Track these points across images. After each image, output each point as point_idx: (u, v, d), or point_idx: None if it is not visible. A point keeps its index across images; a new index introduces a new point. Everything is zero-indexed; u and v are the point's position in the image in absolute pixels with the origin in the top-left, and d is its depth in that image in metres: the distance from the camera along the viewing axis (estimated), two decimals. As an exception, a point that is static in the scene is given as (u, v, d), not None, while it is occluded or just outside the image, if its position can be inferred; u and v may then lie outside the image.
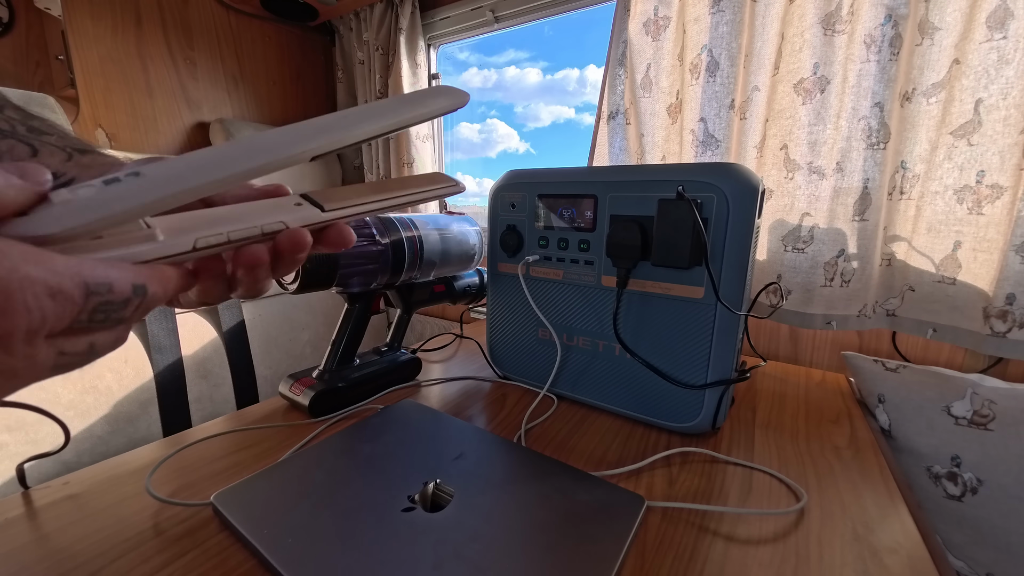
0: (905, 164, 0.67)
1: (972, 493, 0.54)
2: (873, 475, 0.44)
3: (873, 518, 0.38)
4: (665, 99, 0.84)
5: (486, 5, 1.18)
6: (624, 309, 0.51)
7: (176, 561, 0.31)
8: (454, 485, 0.38)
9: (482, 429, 0.48)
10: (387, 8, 1.25)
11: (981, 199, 0.61)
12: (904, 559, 0.34)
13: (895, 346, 0.73)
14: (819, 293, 0.71)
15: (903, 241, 0.69)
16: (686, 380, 0.48)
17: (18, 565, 0.31)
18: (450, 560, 0.30)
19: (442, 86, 0.24)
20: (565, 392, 0.57)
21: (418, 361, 0.64)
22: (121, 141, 1.14)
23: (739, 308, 0.45)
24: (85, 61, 1.07)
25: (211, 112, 1.30)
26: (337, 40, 1.45)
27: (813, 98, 0.68)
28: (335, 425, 0.50)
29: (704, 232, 0.44)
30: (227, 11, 1.29)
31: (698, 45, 0.77)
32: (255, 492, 0.37)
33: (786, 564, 0.33)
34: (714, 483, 0.42)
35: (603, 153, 0.92)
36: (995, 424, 0.54)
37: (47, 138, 0.23)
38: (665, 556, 0.33)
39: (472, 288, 0.71)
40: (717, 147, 0.78)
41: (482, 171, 1.62)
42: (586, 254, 0.52)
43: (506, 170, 0.59)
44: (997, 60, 0.58)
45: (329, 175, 1.43)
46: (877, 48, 0.63)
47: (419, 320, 1.30)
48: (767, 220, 0.75)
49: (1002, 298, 0.59)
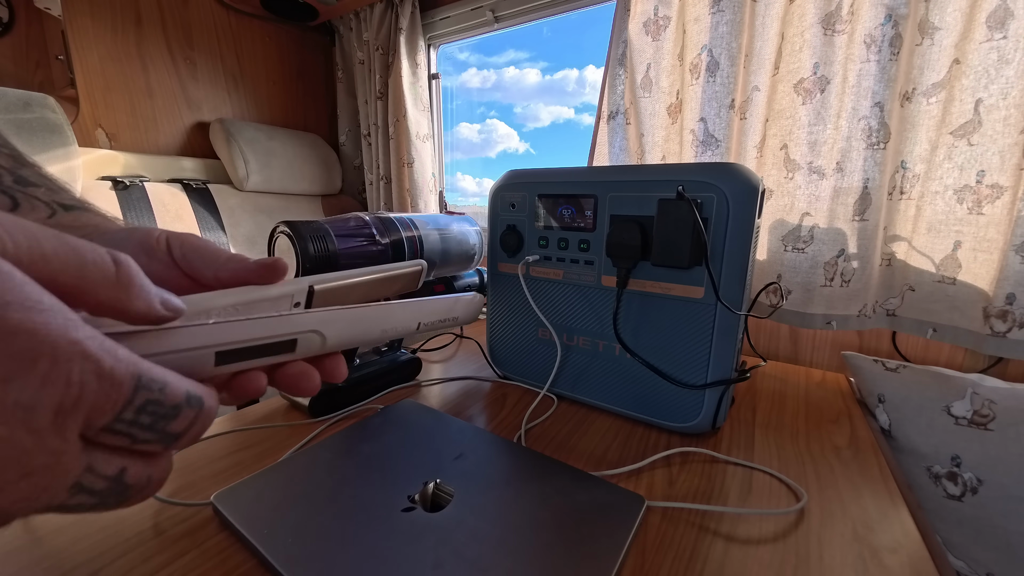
0: (905, 164, 0.67)
1: (972, 493, 0.54)
2: (873, 475, 0.44)
3: (873, 518, 0.38)
4: (665, 99, 0.84)
5: (486, 5, 1.18)
6: (624, 309, 0.51)
7: (176, 561, 0.31)
8: (454, 485, 0.38)
9: (482, 429, 0.48)
10: (387, 8, 1.25)
11: (981, 199, 0.61)
12: (904, 559, 0.34)
13: (895, 346, 0.73)
14: (819, 293, 0.71)
15: (903, 241, 0.69)
16: (686, 380, 0.48)
17: (18, 565, 0.31)
18: (450, 560, 0.30)
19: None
20: (565, 392, 0.57)
21: (418, 361, 0.64)
22: (121, 141, 1.14)
23: (739, 308, 0.45)
24: (85, 61, 1.07)
25: (211, 112, 1.29)
26: (337, 40, 1.45)
27: (813, 98, 0.68)
28: (335, 425, 0.50)
29: (704, 232, 0.44)
30: (227, 11, 1.29)
31: (698, 45, 0.77)
32: (255, 492, 0.37)
33: (786, 564, 0.33)
34: (714, 483, 0.42)
35: (603, 153, 0.92)
36: (995, 424, 0.54)
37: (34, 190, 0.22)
38: (665, 556, 0.33)
39: (472, 288, 0.71)
40: (717, 147, 0.78)
41: (482, 171, 1.62)
42: (586, 254, 0.52)
43: (506, 170, 0.59)
44: (997, 60, 0.57)
45: (329, 175, 1.43)
46: (877, 48, 0.63)
47: (419, 320, 1.30)
48: (767, 220, 0.75)
49: (1002, 298, 0.59)
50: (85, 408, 0.12)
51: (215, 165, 1.28)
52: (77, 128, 1.06)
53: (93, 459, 0.13)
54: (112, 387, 0.13)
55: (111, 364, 0.13)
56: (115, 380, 0.13)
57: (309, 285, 0.23)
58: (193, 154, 1.27)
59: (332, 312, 0.21)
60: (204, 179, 1.23)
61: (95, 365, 0.12)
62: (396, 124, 1.27)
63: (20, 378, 0.11)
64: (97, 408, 0.13)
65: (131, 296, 0.15)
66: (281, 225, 0.47)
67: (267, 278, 0.22)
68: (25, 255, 0.12)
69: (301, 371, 0.21)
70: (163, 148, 1.22)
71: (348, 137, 1.52)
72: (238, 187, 1.25)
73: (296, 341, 0.20)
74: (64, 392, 0.12)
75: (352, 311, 0.21)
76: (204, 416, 0.16)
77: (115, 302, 0.15)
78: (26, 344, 0.11)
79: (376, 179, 1.38)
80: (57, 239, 0.14)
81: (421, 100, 1.29)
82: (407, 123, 1.25)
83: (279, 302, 0.22)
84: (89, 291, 0.14)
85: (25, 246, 0.13)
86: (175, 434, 0.15)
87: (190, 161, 1.25)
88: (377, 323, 0.22)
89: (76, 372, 0.12)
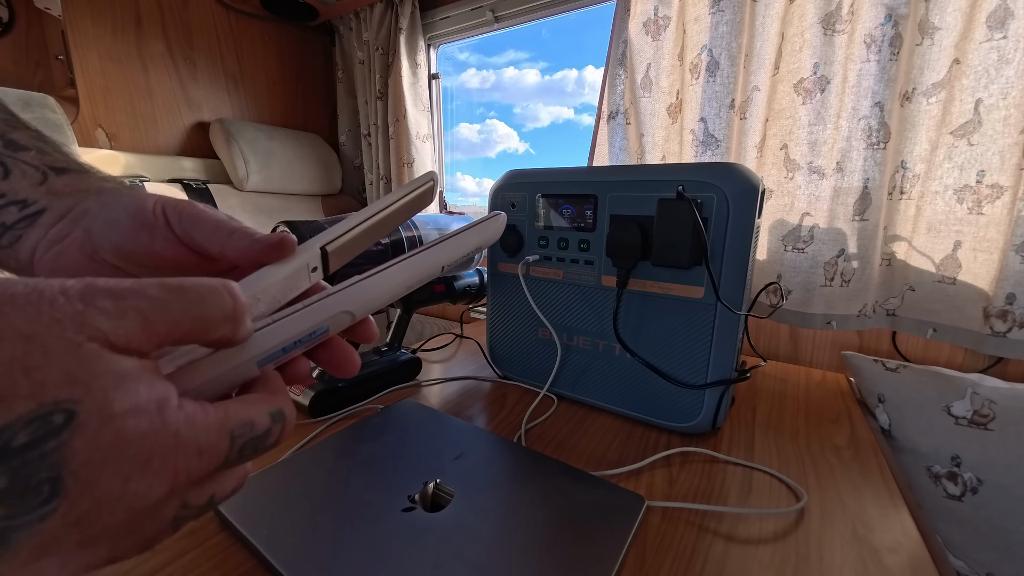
0: (905, 164, 0.67)
1: (972, 493, 0.54)
2: (873, 475, 0.44)
3: (873, 518, 0.38)
4: (665, 99, 0.84)
5: (486, 5, 1.18)
6: (624, 309, 0.51)
7: (176, 561, 0.31)
8: (454, 485, 0.38)
9: (482, 429, 0.48)
10: (387, 8, 1.25)
11: (981, 199, 0.61)
12: (904, 559, 0.34)
13: (895, 346, 0.73)
14: (819, 293, 0.71)
15: (903, 241, 0.69)
16: (686, 380, 0.48)
17: (18, 565, 0.30)
18: (450, 560, 0.30)
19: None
20: (565, 392, 0.57)
21: (418, 361, 0.64)
22: (121, 141, 1.14)
23: (739, 308, 0.45)
24: (85, 61, 1.07)
25: (211, 112, 1.30)
26: (337, 40, 1.45)
27: (813, 98, 0.68)
28: (335, 425, 0.50)
29: (704, 232, 0.44)
30: (227, 11, 1.29)
31: (698, 45, 0.77)
32: (255, 492, 0.36)
33: (786, 564, 0.33)
34: (714, 483, 0.42)
35: (603, 153, 0.92)
36: (995, 424, 0.54)
37: (24, 155, 0.22)
38: (665, 556, 0.33)
39: (472, 288, 0.71)
40: (717, 147, 0.78)
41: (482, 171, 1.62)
42: (586, 254, 0.52)
43: (506, 170, 0.59)
44: (997, 60, 0.57)
45: (329, 175, 1.43)
46: (877, 48, 0.63)
47: (419, 320, 1.30)
48: (767, 220, 0.75)
49: (1002, 298, 0.59)
50: (192, 481, 0.14)
51: (215, 165, 1.28)
52: (77, 128, 1.06)
53: (187, 498, 0.15)
54: (212, 455, 0.14)
55: (207, 437, 0.14)
56: (215, 447, 0.14)
57: (320, 247, 0.23)
58: (193, 154, 1.27)
59: (354, 287, 0.21)
60: (204, 179, 1.23)
61: (195, 446, 0.14)
62: (396, 124, 1.27)
63: (137, 476, 0.12)
64: (204, 473, 0.14)
65: (239, 327, 0.16)
66: (281, 225, 0.47)
67: (277, 257, 0.21)
68: (132, 331, 0.13)
69: (344, 355, 0.22)
70: (163, 148, 1.22)
71: (348, 137, 1.52)
72: (238, 187, 1.25)
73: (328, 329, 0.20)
74: (174, 480, 0.13)
75: (373, 279, 0.21)
76: (288, 422, 0.17)
77: (227, 336, 0.16)
78: (137, 449, 0.12)
79: (376, 179, 1.38)
80: (168, 292, 0.14)
81: (421, 100, 1.29)
82: (407, 123, 1.25)
83: (296, 275, 0.22)
84: (209, 330, 0.15)
85: (135, 322, 0.13)
86: (271, 444, 0.17)
87: (190, 161, 1.25)
88: (401, 282, 0.22)
89: (182, 462, 0.13)
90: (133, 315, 0.13)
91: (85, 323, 0.12)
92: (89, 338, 0.12)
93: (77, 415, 0.11)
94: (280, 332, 0.18)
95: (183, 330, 0.14)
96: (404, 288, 0.22)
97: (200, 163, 1.27)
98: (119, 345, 0.13)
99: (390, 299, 0.22)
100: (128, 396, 0.12)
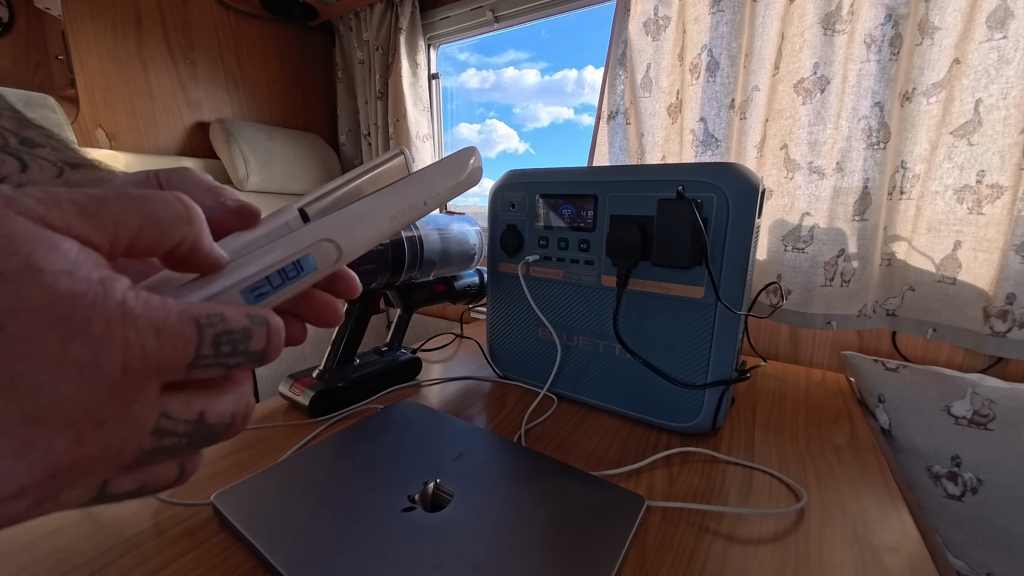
0: (905, 164, 0.67)
1: (972, 493, 0.54)
2: (873, 475, 0.44)
3: (873, 518, 0.38)
4: (665, 99, 0.84)
5: (486, 5, 1.18)
6: (624, 309, 0.51)
7: (176, 561, 0.31)
8: (454, 485, 0.38)
9: (482, 429, 0.48)
10: (387, 8, 1.25)
11: (981, 199, 0.61)
12: (904, 559, 0.34)
13: (895, 346, 0.73)
14: (819, 293, 0.71)
15: (903, 241, 0.69)
16: (686, 380, 0.48)
17: (18, 565, 0.31)
18: (450, 560, 0.30)
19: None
20: (565, 392, 0.57)
21: (418, 361, 0.64)
22: (121, 141, 1.14)
23: (739, 308, 0.45)
24: (85, 61, 1.07)
25: (211, 112, 1.30)
26: (337, 40, 1.45)
27: (813, 98, 0.68)
28: (335, 425, 0.50)
29: (704, 232, 0.44)
30: (227, 11, 1.29)
31: (698, 45, 0.77)
32: (255, 492, 0.37)
33: (786, 564, 0.33)
34: (714, 483, 0.42)
35: (603, 153, 0.92)
36: (995, 424, 0.54)
37: (40, 151, 0.22)
38: (665, 556, 0.33)
39: (472, 288, 0.71)
40: (717, 147, 0.78)
41: (482, 171, 1.62)
42: (586, 254, 0.52)
43: (506, 170, 0.59)
44: (997, 60, 0.57)
45: (329, 175, 1.43)
46: (877, 48, 0.63)
47: (419, 320, 1.30)
48: (767, 220, 0.75)
49: (1002, 298, 0.59)
50: (155, 363, 0.13)
51: (215, 165, 1.28)
52: (77, 128, 1.06)
53: (167, 406, 0.14)
54: (177, 338, 0.13)
55: (164, 317, 0.13)
56: (176, 331, 0.13)
57: (299, 209, 0.23)
58: (193, 154, 1.27)
59: (335, 216, 0.20)
60: (204, 179, 1.23)
61: (149, 323, 0.13)
62: (396, 124, 1.27)
63: (77, 339, 0.12)
64: (169, 358, 0.13)
65: (200, 233, 0.15)
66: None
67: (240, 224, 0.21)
68: (72, 220, 0.12)
69: (326, 302, 0.22)
70: (163, 148, 1.22)
71: (348, 137, 1.52)
72: (238, 187, 1.25)
73: (312, 257, 0.19)
74: (126, 353, 0.12)
75: (351, 207, 0.21)
76: (275, 332, 0.16)
77: (190, 242, 0.15)
78: (72, 308, 0.12)
79: (376, 179, 1.38)
80: (115, 193, 0.13)
81: (421, 100, 1.29)
82: (407, 123, 1.25)
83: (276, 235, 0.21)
84: (165, 233, 0.14)
85: (71, 211, 0.12)
86: (259, 351, 0.16)
87: (190, 161, 1.25)
88: (383, 211, 0.22)
89: (133, 334, 0.12)
90: (68, 204, 0.12)
91: (13, 201, 0.12)
92: (18, 212, 0.11)
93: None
94: (260, 259, 0.18)
95: (133, 228, 0.13)
96: (387, 221, 0.22)
97: (200, 163, 1.27)
98: (58, 227, 0.12)
99: (375, 235, 0.22)
100: (60, 257, 0.12)
